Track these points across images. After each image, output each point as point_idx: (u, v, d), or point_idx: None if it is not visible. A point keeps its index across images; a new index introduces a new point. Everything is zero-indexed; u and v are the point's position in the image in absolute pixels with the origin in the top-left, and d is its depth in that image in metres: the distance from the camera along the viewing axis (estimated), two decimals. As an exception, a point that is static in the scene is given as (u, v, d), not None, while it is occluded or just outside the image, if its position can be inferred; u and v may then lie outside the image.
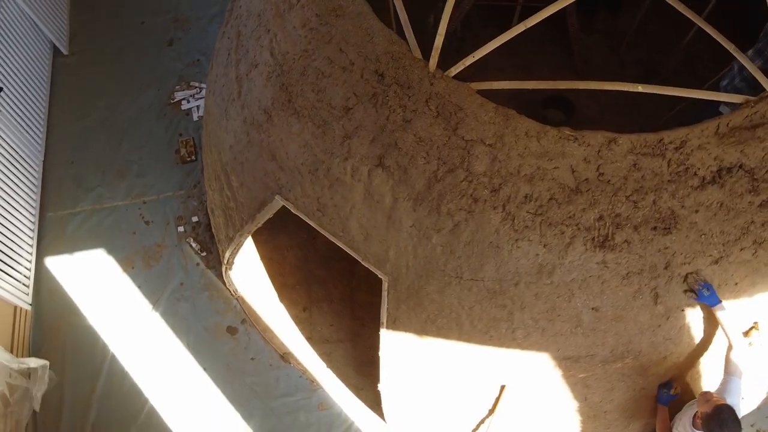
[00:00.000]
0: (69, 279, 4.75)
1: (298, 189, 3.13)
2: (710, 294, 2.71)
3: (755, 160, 2.63)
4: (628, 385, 3.05)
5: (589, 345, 2.88)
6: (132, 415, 4.23)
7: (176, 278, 4.74)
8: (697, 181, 2.63)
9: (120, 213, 5.04)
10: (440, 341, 3.04)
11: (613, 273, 2.70)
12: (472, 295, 2.85)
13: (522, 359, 2.96)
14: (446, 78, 2.76)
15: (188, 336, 4.51)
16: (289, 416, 4.23)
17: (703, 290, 2.71)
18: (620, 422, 3.25)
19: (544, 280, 2.74)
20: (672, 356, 2.93)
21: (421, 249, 2.88)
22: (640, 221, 2.64)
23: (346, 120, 2.94)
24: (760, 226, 2.68)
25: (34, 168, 5.10)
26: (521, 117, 2.67)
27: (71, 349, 4.45)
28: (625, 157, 2.63)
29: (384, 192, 2.89)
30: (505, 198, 2.69)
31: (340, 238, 3.07)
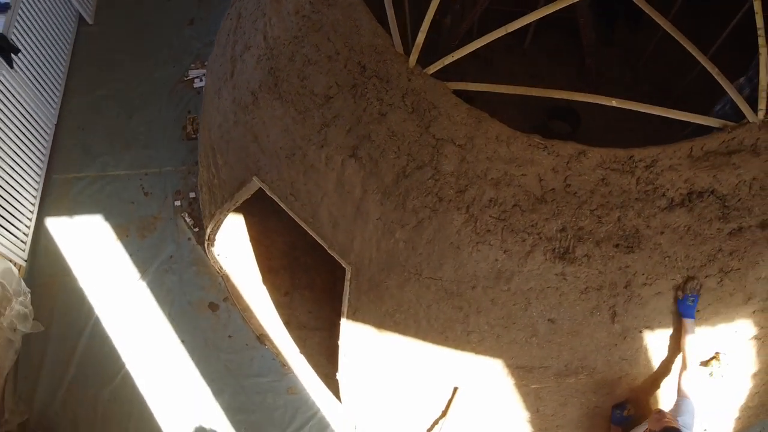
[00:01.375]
0: (65, 240, 4.90)
1: (274, 172, 3.18)
2: (692, 306, 2.65)
3: (728, 187, 2.57)
4: (582, 401, 3.02)
5: (543, 356, 2.86)
6: (108, 377, 4.34)
7: (167, 250, 4.85)
8: (665, 202, 2.59)
9: (122, 182, 5.18)
10: (398, 337, 3.06)
11: (572, 286, 2.68)
12: (430, 293, 2.86)
13: (475, 363, 2.95)
14: (424, 75, 2.77)
15: (171, 307, 4.62)
16: (258, 396, 4.29)
17: (689, 299, 2.66)
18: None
19: (502, 286, 2.73)
20: (627, 377, 2.88)
21: (384, 242, 2.90)
22: (603, 237, 2.61)
23: (325, 108, 2.98)
24: (728, 255, 2.63)
25: (46, 130, 5.27)
26: (493, 120, 2.67)
27: (59, 307, 4.59)
28: (594, 171, 2.61)
29: (355, 183, 2.92)
30: (470, 200, 2.69)
31: (309, 224, 3.11)
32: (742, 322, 2.76)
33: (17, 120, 4.79)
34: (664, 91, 5.44)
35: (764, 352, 2.92)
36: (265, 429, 4.18)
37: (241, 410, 4.24)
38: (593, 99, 2.56)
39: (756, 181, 2.58)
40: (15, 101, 4.77)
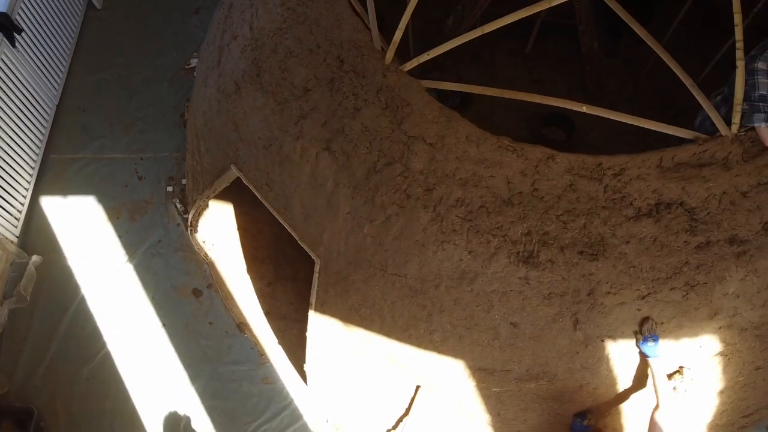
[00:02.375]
0: (58, 219, 4.98)
1: (252, 161, 3.21)
2: (653, 346, 2.65)
3: (697, 200, 2.55)
4: (543, 408, 3.00)
5: (505, 360, 2.85)
6: (88, 355, 4.41)
7: (156, 234, 4.90)
8: (632, 212, 2.57)
9: (117, 165, 5.25)
10: (363, 332, 3.07)
11: (535, 291, 2.67)
12: (395, 290, 2.86)
13: (438, 363, 2.95)
14: (399, 72, 2.77)
15: (155, 291, 4.67)
16: (233, 384, 4.33)
17: (649, 340, 2.65)
18: (534, 444, 3.21)
19: (465, 286, 2.73)
20: (588, 386, 2.87)
21: (353, 237, 2.91)
22: (567, 243, 2.60)
23: (303, 100, 3.00)
24: (694, 269, 2.60)
25: (47, 110, 5.36)
26: (463, 120, 2.67)
27: (46, 284, 4.67)
28: (562, 176, 2.60)
29: (327, 176, 2.93)
30: (437, 199, 2.69)
31: (282, 214, 3.13)
32: (708, 337, 2.72)
33: (18, 99, 4.88)
34: (665, 104, 5.39)
35: (731, 369, 2.88)
36: (238, 416, 4.22)
37: (215, 396, 4.28)
38: (561, 103, 2.55)
39: (726, 196, 2.54)
40: (16, 80, 4.86)
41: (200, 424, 4.20)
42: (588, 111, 2.54)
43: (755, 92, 2.57)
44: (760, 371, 2.96)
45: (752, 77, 2.62)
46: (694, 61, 4.28)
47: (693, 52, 4.75)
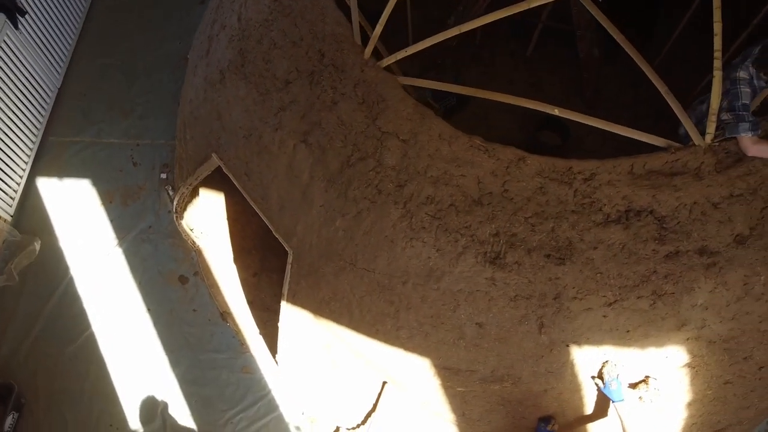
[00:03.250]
0: (53, 200, 5.05)
1: (232, 150, 3.23)
2: (616, 389, 2.64)
3: (667, 208, 2.53)
4: (508, 410, 2.99)
5: (470, 360, 2.85)
6: (73, 336, 4.47)
7: (147, 220, 4.96)
8: (600, 217, 2.55)
9: (114, 150, 5.31)
10: (333, 325, 3.08)
11: (501, 292, 2.66)
12: (364, 284, 2.87)
13: (404, 360, 2.96)
14: (377, 67, 2.78)
15: (143, 276, 4.72)
16: (213, 372, 4.36)
17: (611, 383, 2.65)
18: (499, 447, 3.20)
19: (432, 284, 2.73)
20: (553, 390, 2.85)
21: (325, 230, 2.92)
22: (535, 245, 2.59)
23: (284, 92, 3.02)
24: (662, 278, 2.57)
25: (48, 93, 5.43)
26: (437, 118, 2.67)
27: (37, 263, 4.74)
28: (532, 179, 2.59)
29: (303, 168, 2.95)
30: (408, 195, 2.70)
31: (259, 204, 3.16)
32: (674, 348, 2.70)
33: (20, 81, 4.96)
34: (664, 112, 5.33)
35: (698, 381, 2.85)
36: (216, 404, 4.25)
37: (194, 383, 4.32)
38: (535, 105, 2.54)
39: (697, 206, 2.52)
40: (18, 62, 4.94)
41: (177, 409, 4.24)
42: (560, 114, 2.53)
43: (739, 102, 2.55)
44: (729, 386, 2.92)
45: (735, 87, 2.60)
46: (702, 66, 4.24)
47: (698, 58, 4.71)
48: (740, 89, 2.60)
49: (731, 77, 2.64)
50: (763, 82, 2.64)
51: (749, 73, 2.63)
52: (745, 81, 2.62)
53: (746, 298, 2.62)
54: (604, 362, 2.67)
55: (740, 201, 2.53)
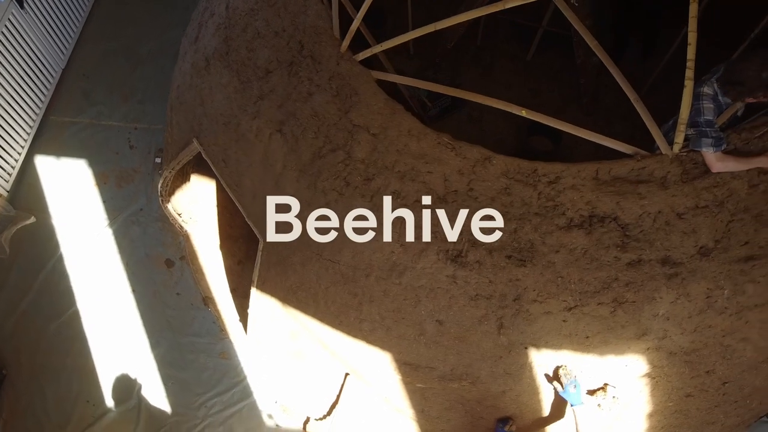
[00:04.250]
0: (49, 178, 5.15)
1: (212, 137, 3.28)
2: (575, 393, 2.64)
3: (631, 216, 2.51)
4: (467, 409, 3.00)
5: (430, 357, 2.86)
6: (58, 312, 4.56)
7: (139, 203, 5.03)
8: (563, 221, 2.55)
9: (112, 132, 5.39)
10: (299, 314, 3.11)
11: (462, 291, 2.67)
12: (329, 275, 2.89)
13: (366, 353, 2.98)
14: (352, 61, 2.80)
15: (130, 257, 4.80)
16: (191, 355, 4.42)
17: (570, 386, 2.65)
18: (458, 446, 3.21)
19: (394, 279, 2.74)
20: (511, 392, 2.85)
21: (295, 219, 2.95)
22: (497, 246, 2.59)
23: (264, 81, 3.05)
24: (624, 286, 2.56)
25: (52, 74, 5.53)
26: (407, 114, 2.68)
27: (28, 239, 4.84)
28: (498, 179, 2.59)
29: (277, 157, 2.98)
30: (375, 189, 2.71)
31: (234, 191, 3.19)
32: (634, 357, 2.69)
33: (24, 60, 5.06)
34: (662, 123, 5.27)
35: (659, 392, 2.83)
36: (191, 387, 4.31)
37: (172, 365, 4.38)
38: (502, 105, 2.54)
39: (661, 215, 2.51)
40: (23, 41, 5.04)
41: (153, 390, 4.30)
42: (527, 115, 2.53)
43: (701, 117, 2.52)
44: (691, 399, 2.90)
45: (698, 102, 2.56)
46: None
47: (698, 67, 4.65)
48: (702, 105, 2.56)
49: (695, 92, 2.60)
50: (728, 99, 2.61)
51: (714, 89, 2.60)
52: (708, 96, 2.58)
53: (709, 312, 2.60)
54: (560, 366, 2.67)
55: (705, 213, 2.51)
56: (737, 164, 2.44)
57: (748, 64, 2.48)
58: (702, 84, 2.56)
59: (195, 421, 4.19)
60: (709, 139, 2.44)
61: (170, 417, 4.21)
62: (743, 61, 2.52)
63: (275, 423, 4.16)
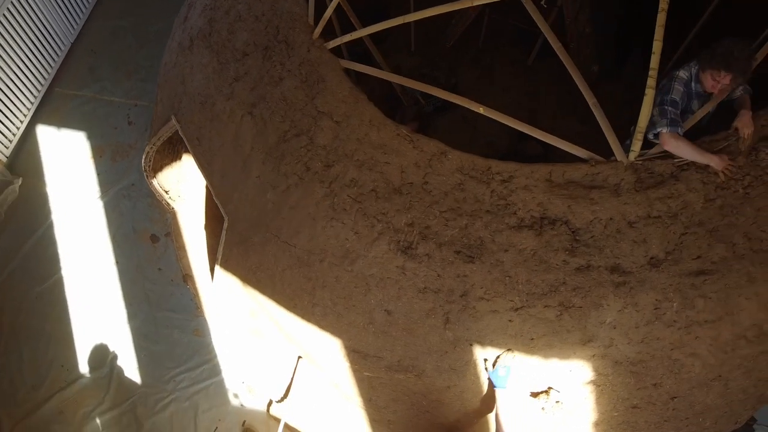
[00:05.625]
0: (48, 148, 5.29)
1: (189, 115, 3.34)
2: (503, 376, 2.63)
3: (582, 221, 2.51)
4: (412, 401, 3.02)
5: (378, 346, 2.88)
6: (42, 277, 4.69)
7: (131, 178, 5.14)
8: (514, 221, 2.55)
9: (113, 107, 5.52)
10: (258, 295, 3.16)
11: (411, 282, 2.69)
12: (285, 258, 2.94)
13: (318, 338, 3.01)
14: (322, 48, 2.84)
15: (117, 230, 4.91)
16: (165, 329, 4.51)
17: (500, 368, 2.65)
18: (404, 438, 3.23)
19: (347, 266, 2.77)
20: (456, 388, 2.86)
21: (257, 200, 3.00)
22: (446, 240, 2.61)
23: (240, 64, 3.11)
24: (571, 290, 2.56)
25: (61, 47, 5.68)
26: (369, 104, 2.71)
27: (22, 205, 4.98)
28: (452, 174, 2.61)
29: (247, 139, 3.03)
30: (334, 176, 2.75)
31: (205, 169, 3.25)
32: (579, 363, 2.68)
33: (33, 32, 5.21)
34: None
35: (604, 401, 2.82)
36: (163, 361, 4.40)
37: (147, 338, 4.47)
38: (462, 102, 2.55)
39: (612, 222, 2.50)
40: (35, 14, 5.20)
41: (126, 360, 4.40)
42: (485, 113, 2.53)
43: (668, 96, 2.59)
44: (638, 411, 2.88)
45: (670, 82, 2.65)
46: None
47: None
48: (673, 85, 2.65)
49: (671, 74, 2.70)
50: (700, 88, 2.64)
51: (689, 74, 2.67)
52: (681, 81, 2.66)
53: (657, 323, 2.58)
54: (507, 349, 2.63)
55: (657, 223, 2.50)
56: (689, 151, 2.46)
57: (731, 41, 2.54)
58: (680, 68, 2.61)
59: (163, 394, 4.27)
60: (666, 119, 2.50)
61: (139, 388, 4.31)
62: (730, 39, 2.57)
63: (240, 403, 4.22)
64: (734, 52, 2.50)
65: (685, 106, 2.69)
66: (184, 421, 4.20)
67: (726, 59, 2.53)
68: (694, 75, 2.66)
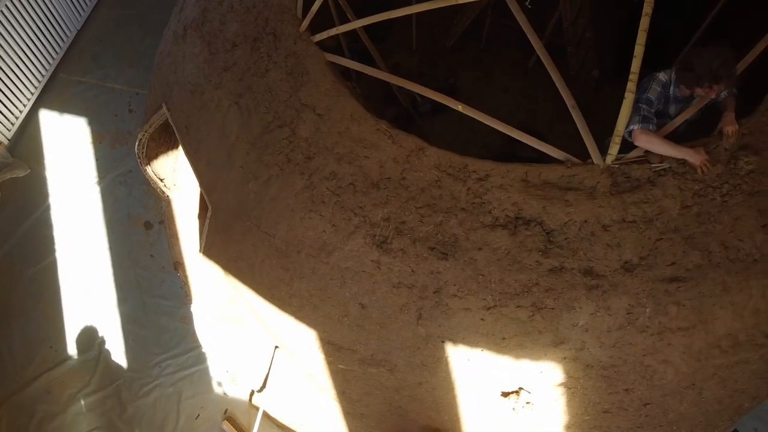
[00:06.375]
0: (49, 132, 5.37)
1: (179, 103, 3.38)
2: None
3: (556, 222, 2.51)
4: (385, 396, 3.03)
5: (352, 339, 2.90)
6: (37, 259, 4.75)
7: (128, 165, 5.19)
8: (489, 219, 2.56)
9: (114, 95, 5.58)
10: (238, 284, 3.19)
11: (385, 277, 2.70)
12: (265, 248, 2.96)
13: (294, 328, 3.03)
14: (308, 41, 2.86)
15: (112, 215, 4.96)
16: (154, 315, 4.55)
17: None
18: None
19: (323, 258, 2.79)
20: (427, 384, 2.87)
21: (240, 190, 3.03)
22: (421, 236, 2.62)
23: (229, 54, 3.14)
24: (543, 291, 2.56)
25: (67, 33, 5.75)
26: (350, 98, 2.73)
27: (21, 187, 5.06)
28: (430, 170, 2.62)
29: (232, 129, 3.07)
30: (314, 168, 2.77)
31: (191, 157, 3.29)
32: (550, 364, 2.68)
33: (41, 18, 5.29)
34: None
35: (575, 404, 2.81)
36: (149, 346, 4.44)
37: (135, 322, 4.52)
38: (442, 99, 2.56)
39: (587, 225, 2.50)
40: (42, 1, 5.26)
41: (114, 344, 4.45)
42: (463, 111, 2.54)
43: (644, 94, 2.59)
44: (609, 416, 2.87)
45: (649, 82, 2.66)
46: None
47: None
48: (651, 85, 2.67)
49: (651, 74, 2.71)
50: (678, 93, 2.64)
51: (669, 77, 2.67)
52: (659, 82, 2.68)
53: (629, 328, 2.58)
54: None
55: (632, 228, 2.49)
56: (662, 146, 2.46)
57: (703, 53, 2.53)
58: (661, 69, 2.61)
59: (147, 379, 4.31)
60: (638, 116, 2.51)
61: (125, 372, 4.36)
62: (701, 50, 2.57)
63: (223, 391, 4.25)
64: (713, 63, 2.47)
65: (662, 110, 2.68)
66: (168, 406, 4.24)
67: (712, 73, 2.47)
68: (673, 80, 2.65)
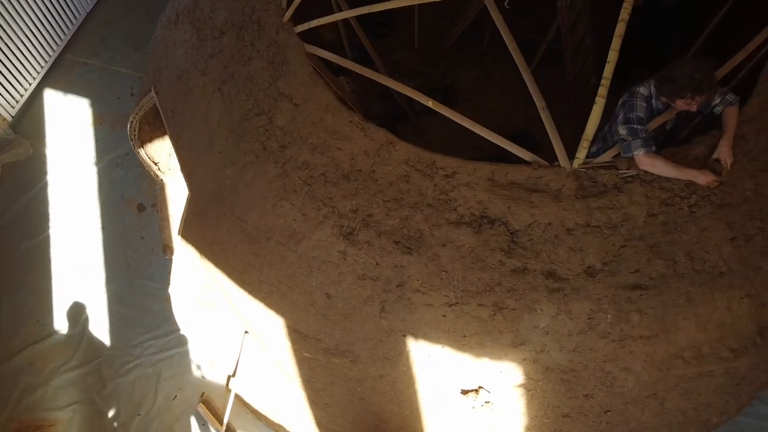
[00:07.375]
0: (51, 111, 5.47)
1: (167, 87, 3.43)
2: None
3: (521, 223, 2.52)
4: (348, 387, 3.06)
5: (318, 328, 2.93)
6: (30, 234, 4.86)
7: (126, 147, 5.26)
8: (454, 216, 2.57)
9: (118, 78, 5.67)
10: (212, 268, 3.23)
11: (350, 268, 2.73)
12: (238, 233, 3.00)
13: (263, 314, 3.07)
14: (290, 31, 2.89)
15: (107, 196, 5.06)
16: (139, 296, 4.63)
17: None
18: (340, 422, 3.27)
19: (292, 246, 2.83)
20: (388, 377, 2.90)
21: (218, 175, 3.08)
22: (387, 230, 2.64)
23: (217, 41, 3.19)
24: (505, 291, 2.57)
25: (76, 15, 5.86)
26: (326, 89, 2.75)
27: (20, 164, 5.16)
28: (399, 165, 2.64)
29: (215, 115, 3.11)
30: (288, 157, 2.80)
31: (175, 141, 3.34)
32: (510, 365, 2.68)
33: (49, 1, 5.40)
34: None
35: (534, 406, 2.82)
36: (132, 326, 4.52)
37: (120, 302, 4.60)
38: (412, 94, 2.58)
39: (551, 227, 2.50)
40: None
41: (98, 322, 4.53)
42: (434, 107, 2.56)
43: (633, 113, 2.55)
44: (569, 420, 2.87)
45: (632, 99, 2.61)
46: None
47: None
48: (636, 101, 2.60)
49: (631, 90, 2.66)
50: (660, 105, 2.61)
51: (650, 91, 2.63)
52: (642, 96, 2.62)
53: (590, 333, 2.57)
54: None
55: (596, 233, 2.49)
56: (667, 168, 2.43)
57: (684, 64, 2.49)
58: (640, 84, 2.57)
59: (129, 358, 4.39)
60: (639, 140, 2.46)
61: (108, 350, 4.44)
62: (681, 62, 2.52)
63: (202, 374, 4.31)
64: (695, 74, 2.42)
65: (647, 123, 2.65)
66: (146, 386, 4.31)
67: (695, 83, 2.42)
68: (654, 93, 2.61)
